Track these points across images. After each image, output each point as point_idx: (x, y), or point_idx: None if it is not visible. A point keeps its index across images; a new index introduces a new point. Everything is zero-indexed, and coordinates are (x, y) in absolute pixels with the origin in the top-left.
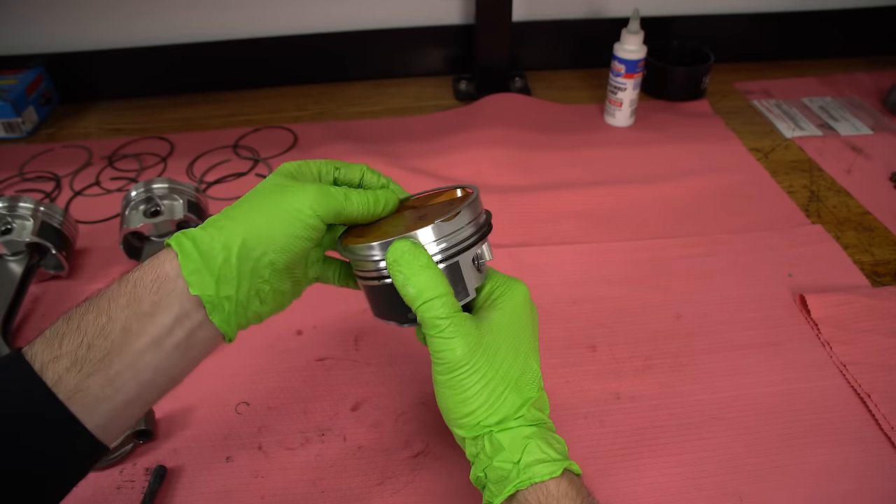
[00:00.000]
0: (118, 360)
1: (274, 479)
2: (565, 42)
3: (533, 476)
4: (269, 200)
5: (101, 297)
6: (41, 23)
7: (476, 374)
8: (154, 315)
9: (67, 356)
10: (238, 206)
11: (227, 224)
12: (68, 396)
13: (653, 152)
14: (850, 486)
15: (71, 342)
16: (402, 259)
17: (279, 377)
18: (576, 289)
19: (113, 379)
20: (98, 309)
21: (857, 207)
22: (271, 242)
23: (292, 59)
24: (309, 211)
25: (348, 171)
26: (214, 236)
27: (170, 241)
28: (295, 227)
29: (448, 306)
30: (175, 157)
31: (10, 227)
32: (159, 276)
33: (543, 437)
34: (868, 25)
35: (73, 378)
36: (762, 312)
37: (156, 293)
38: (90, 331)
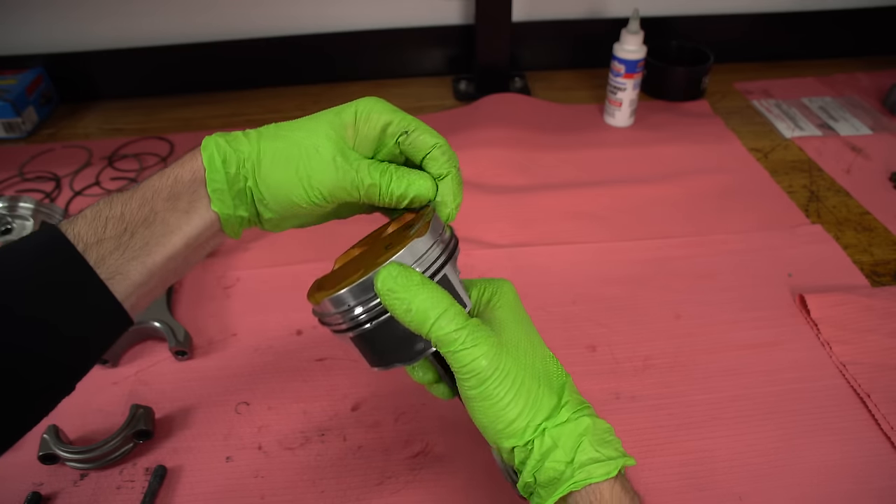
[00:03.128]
0: (157, 250)
1: (274, 479)
2: (565, 42)
3: (589, 476)
4: (295, 160)
5: (143, 187)
6: (41, 23)
7: (508, 378)
8: (189, 213)
9: (111, 241)
10: (277, 137)
11: (254, 152)
12: (109, 277)
13: (653, 152)
14: (850, 486)
15: (115, 227)
16: (397, 284)
17: (279, 377)
18: (576, 289)
19: (150, 266)
20: (142, 199)
21: (856, 207)
22: (276, 199)
23: (292, 59)
24: (319, 195)
25: (418, 140)
26: (241, 160)
27: (204, 147)
28: (301, 200)
29: (460, 317)
30: (175, 157)
31: (10, 227)
32: (196, 179)
33: (597, 432)
34: (868, 25)
35: (116, 261)
36: (762, 312)
37: (192, 194)
38: (134, 219)
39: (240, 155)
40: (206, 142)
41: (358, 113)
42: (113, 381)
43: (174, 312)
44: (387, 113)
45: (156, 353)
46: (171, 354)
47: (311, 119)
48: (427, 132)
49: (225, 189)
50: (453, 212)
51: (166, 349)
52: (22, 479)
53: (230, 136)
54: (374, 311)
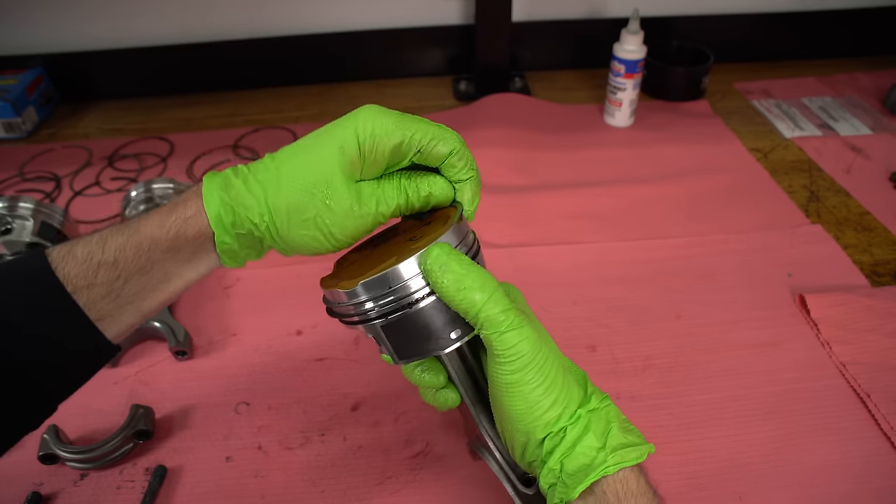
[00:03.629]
0: (153, 297)
1: (274, 479)
2: (565, 42)
3: (623, 460)
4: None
5: (140, 235)
6: (41, 23)
7: (547, 364)
8: (192, 262)
9: (103, 286)
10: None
11: (263, 207)
12: (99, 318)
13: (652, 152)
14: (850, 486)
15: (107, 274)
16: (450, 261)
17: (279, 377)
18: (576, 289)
19: (144, 310)
20: (138, 248)
21: (856, 207)
22: (289, 246)
23: (292, 59)
24: (344, 241)
25: (433, 150)
26: (253, 215)
27: (207, 204)
28: (317, 245)
29: (506, 298)
30: (175, 157)
31: (10, 228)
32: (200, 235)
33: (622, 421)
34: (868, 25)
35: (107, 306)
36: (762, 312)
37: (196, 247)
38: (129, 267)
39: (249, 215)
40: (207, 196)
41: (361, 141)
42: (113, 381)
43: (174, 312)
44: (392, 134)
45: (156, 353)
46: (171, 354)
47: (311, 153)
48: (441, 141)
49: (236, 249)
50: (471, 214)
51: (166, 349)
52: (22, 479)
53: (233, 188)
54: (412, 296)
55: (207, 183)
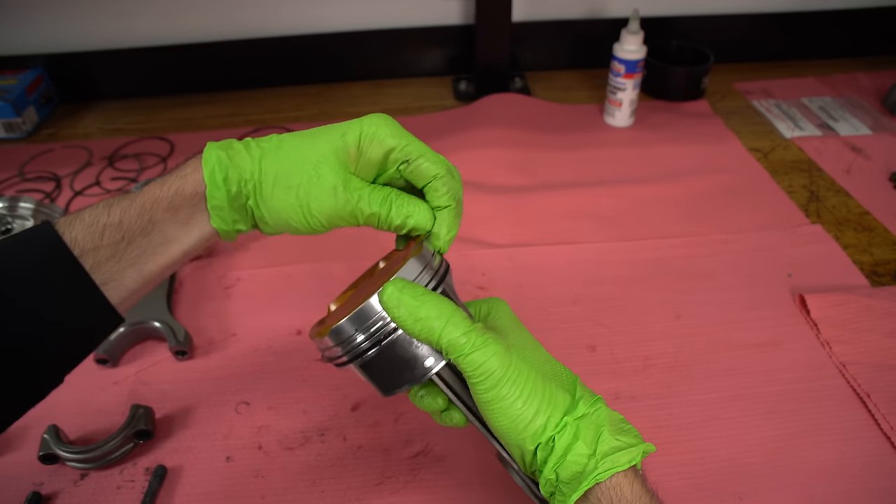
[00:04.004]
0: (153, 259)
1: (274, 479)
2: (565, 42)
3: (613, 465)
4: (297, 183)
5: (143, 195)
6: (41, 23)
7: (521, 376)
8: (189, 225)
9: (108, 248)
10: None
11: (255, 171)
12: (104, 282)
13: (652, 152)
14: (850, 486)
15: (112, 235)
16: (403, 294)
17: (279, 377)
18: (576, 289)
19: (145, 274)
20: (142, 208)
21: (856, 207)
22: (275, 220)
23: (292, 60)
24: (319, 223)
25: (418, 170)
26: (242, 178)
27: (205, 161)
28: (301, 226)
29: (466, 321)
30: (175, 157)
31: (10, 228)
32: (197, 193)
33: (614, 422)
34: (868, 25)
35: (111, 268)
36: (762, 312)
37: (193, 207)
38: (132, 228)
39: (241, 173)
40: (206, 153)
41: (363, 136)
42: (113, 381)
43: (174, 312)
44: (391, 138)
45: (156, 353)
46: (171, 354)
47: (316, 137)
48: (429, 161)
49: (225, 206)
50: (445, 245)
51: (166, 349)
52: (22, 479)
53: (232, 148)
54: (378, 334)
55: (210, 144)
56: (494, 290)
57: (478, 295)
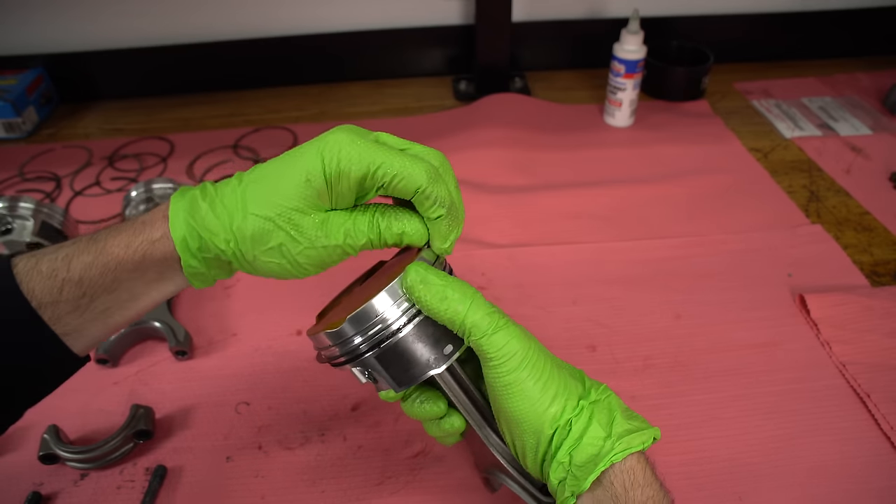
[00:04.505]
0: (119, 314)
1: (274, 479)
2: (565, 42)
3: (628, 446)
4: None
5: (104, 252)
6: (41, 23)
7: (540, 361)
8: (159, 282)
9: (68, 303)
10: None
11: (228, 232)
12: (65, 333)
13: (652, 152)
14: (850, 486)
15: (72, 292)
16: (428, 275)
17: (279, 377)
18: (576, 289)
19: (111, 326)
20: (103, 267)
21: (856, 207)
22: (276, 274)
23: (292, 60)
24: (309, 269)
25: (398, 189)
26: (221, 244)
27: (174, 227)
28: (297, 274)
29: (487, 303)
30: (175, 157)
31: (10, 228)
32: (167, 258)
33: (624, 407)
34: (868, 25)
35: (73, 321)
36: (762, 312)
37: (164, 268)
38: (94, 286)
39: (215, 241)
40: (173, 219)
41: (328, 173)
42: (113, 381)
43: (174, 312)
44: (357, 165)
45: (156, 353)
46: (171, 354)
47: (279, 182)
48: (404, 179)
49: (204, 272)
50: (446, 250)
51: (166, 349)
52: (22, 479)
53: (198, 211)
54: (397, 321)
55: (174, 204)
56: (494, 289)
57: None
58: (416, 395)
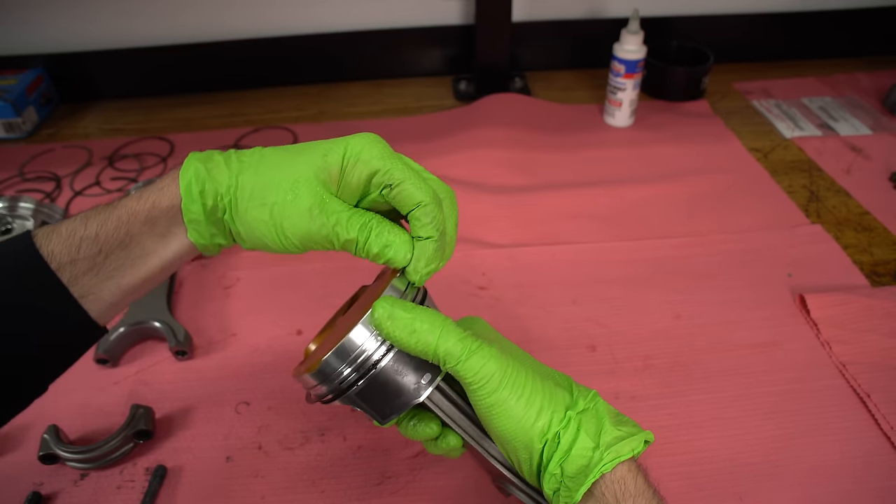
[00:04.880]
0: (132, 272)
1: (274, 479)
2: (565, 42)
3: (618, 455)
4: (273, 201)
5: (119, 208)
6: (41, 23)
7: (520, 377)
8: (167, 238)
9: (85, 261)
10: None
11: (233, 184)
12: (82, 296)
13: (652, 152)
14: (850, 486)
15: (89, 249)
16: (395, 310)
17: (279, 377)
18: (576, 289)
19: (123, 287)
20: (118, 221)
21: (856, 207)
22: (251, 238)
23: (292, 59)
24: (291, 241)
25: (400, 196)
26: (220, 191)
27: (182, 173)
28: (275, 245)
29: (459, 330)
30: (175, 157)
31: (10, 228)
32: (174, 206)
33: (614, 414)
34: (868, 25)
35: (89, 281)
36: (762, 312)
37: (170, 219)
38: (109, 242)
39: (217, 187)
40: (185, 166)
41: (346, 156)
42: (113, 381)
43: (174, 312)
44: (375, 160)
45: (156, 353)
46: (171, 354)
47: (298, 154)
48: (413, 186)
49: (202, 220)
50: (421, 278)
51: (166, 349)
52: (22, 479)
53: (212, 161)
54: (373, 355)
55: (191, 155)
56: (494, 290)
57: (478, 295)
58: (408, 418)
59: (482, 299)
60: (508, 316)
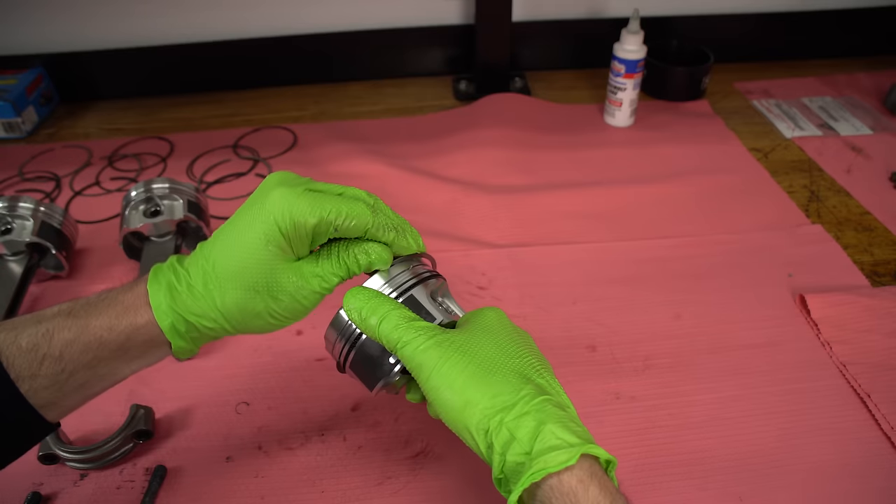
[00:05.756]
0: (99, 386)
1: (274, 479)
2: (565, 42)
3: (546, 465)
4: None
5: (88, 332)
6: (41, 22)
7: (455, 369)
8: (141, 359)
9: (46, 378)
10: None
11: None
12: (41, 405)
13: (653, 152)
14: (850, 486)
15: (51, 367)
16: (355, 297)
17: (279, 377)
18: (576, 289)
19: (89, 397)
20: (84, 345)
21: (856, 207)
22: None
23: (292, 59)
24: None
25: (349, 230)
26: (207, 322)
27: (159, 316)
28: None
29: (404, 318)
30: (175, 157)
31: (10, 227)
32: (152, 339)
33: (560, 421)
34: (868, 25)
35: (51, 395)
36: (762, 312)
37: (147, 348)
38: (74, 362)
39: (203, 322)
40: (157, 309)
41: (283, 230)
42: None
43: None
44: (309, 215)
45: None
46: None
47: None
48: (353, 219)
49: (191, 348)
50: (420, 246)
51: None
52: (22, 479)
53: (179, 296)
54: (354, 333)
55: (154, 293)
56: (494, 289)
57: (478, 294)
58: (402, 385)
59: (482, 299)
60: (508, 316)
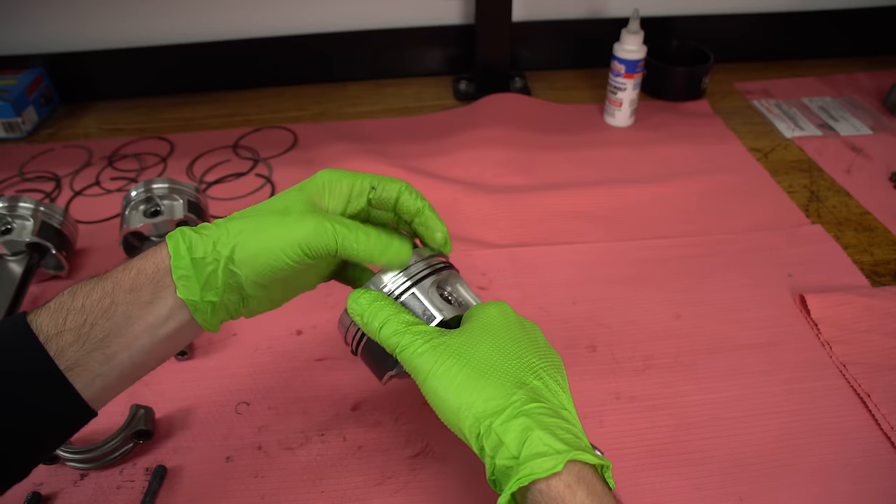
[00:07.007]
0: (116, 341)
1: (274, 479)
2: (565, 42)
3: (532, 471)
4: (268, 225)
5: (105, 279)
6: (41, 23)
7: (449, 373)
8: (153, 304)
9: (71, 332)
10: (245, 216)
11: (223, 234)
12: (68, 367)
13: (653, 152)
14: (850, 486)
15: (75, 319)
16: (356, 302)
17: (279, 377)
18: (576, 289)
19: (110, 357)
20: (102, 291)
21: (856, 207)
22: (256, 268)
23: (292, 59)
24: (297, 250)
25: (385, 189)
26: (209, 244)
27: (169, 237)
28: (280, 262)
29: (400, 325)
30: (175, 157)
31: (10, 227)
32: (159, 270)
33: (548, 427)
34: (868, 25)
35: (75, 353)
36: (762, 312)
37: (155, 284)
38: (94, 311)
39: (207, 239)
40: (170, 234)
41: (323, 183)
42: None
43: None
44: (348, 177)
45: None
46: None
47: (277, 198)
48: (390, 181)
49: (191, 275)
50: (446, 236)
51: None
52: None
53: (198, 226)
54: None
55: (171, 235)
56: (494, 289)
57: (478, 294)
58: None
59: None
60: None
